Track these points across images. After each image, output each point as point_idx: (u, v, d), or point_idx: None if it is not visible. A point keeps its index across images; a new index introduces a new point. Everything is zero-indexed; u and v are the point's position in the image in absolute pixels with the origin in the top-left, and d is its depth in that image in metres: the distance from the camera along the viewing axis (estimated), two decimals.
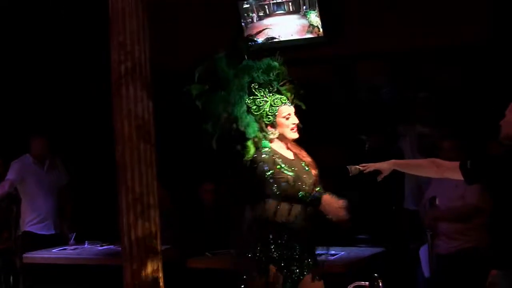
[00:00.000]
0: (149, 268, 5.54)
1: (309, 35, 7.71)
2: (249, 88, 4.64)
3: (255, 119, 4.60)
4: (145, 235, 5.52)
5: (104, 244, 7.06)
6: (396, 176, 6.91)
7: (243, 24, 7.85)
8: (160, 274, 5.61)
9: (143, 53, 5.54)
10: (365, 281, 4.38)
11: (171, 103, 7.72)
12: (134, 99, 5.48)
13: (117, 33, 5.52)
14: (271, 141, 4.63)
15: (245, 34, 7.67)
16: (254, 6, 7.79)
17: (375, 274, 4.31)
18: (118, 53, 5.52)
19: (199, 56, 7.87)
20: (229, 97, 4.60)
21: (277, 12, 7.76)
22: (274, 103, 4.62)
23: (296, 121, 4.65)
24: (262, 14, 7.80)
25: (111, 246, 6.92)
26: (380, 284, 4.29)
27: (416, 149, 6.88)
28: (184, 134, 7.97)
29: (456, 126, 6.56)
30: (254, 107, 4.61)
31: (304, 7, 7.67)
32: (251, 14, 7.82)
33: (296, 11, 7.73)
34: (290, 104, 4.67)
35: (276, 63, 4.69)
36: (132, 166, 5.50)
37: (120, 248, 5.81)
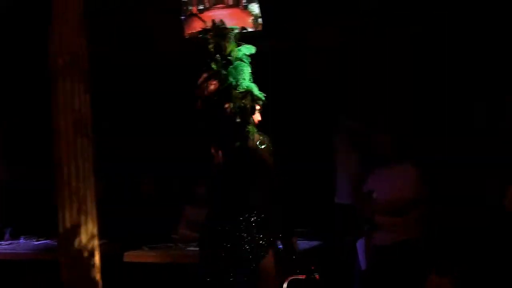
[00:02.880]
0: (86, 263, 5.51)
1: (249, 29, 7.70)
2: None
3: None
4: (82, 230, 5.49)
5: (40, 239, 6.99)
6: (330, 170, 7.06)
7: (182, 17, 7.81)
8: (97, 269, 5.58)
9: (80, 46, 5.50)
10: (302, 275, 4.41)
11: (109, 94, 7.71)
12: (71, 92, 5.44)
13: (55, 25, 5.47)
14: None
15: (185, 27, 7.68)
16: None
17: (312, 267, 4.35)
18: (56, 46, 5.47)
19: (140, 50, 7.94)
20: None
21: (216, 6, 7.73)
22: None
23: None
24: (201, 7, 7.75)
25: (47, 241, 6.85)
26: (317, 278, 4.33)
27: (348, 144, 6.95)
28: (125, 127, 7.96)
29: (386, 122, 6.63)
30: None
31: (244, 1, 7.64)
32: (190, 8, 7.76)
33: (236, 4, 7.71)
34: None
35: None
36: (68, 160, 5.46)
37: (55, 243, 5.77)
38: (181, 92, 7.41)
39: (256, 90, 4.65)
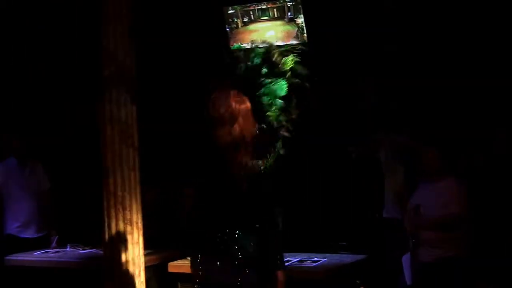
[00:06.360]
0: (130, 273, 5.54)
1: (294, 41, 7.71)
2: None
3: None
4: (127, 239, 5.52)
5: (86, 248, 7.04)
6: (376, 184, 7.03)
7: (227, 29, 7.86)
8: (142, 279, 5.61)
9: (127, 57, 5.54)
10: None
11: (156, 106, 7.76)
12: (117, 103, 5.48)
13: (101, 36, 5.52)
14: None
15: (230, 39, 7.73)
16: (239, 12, 7.79)
17: (357, 281, 4.32)
18: (102, 57, 5.52)
19: (184, 61, 7.99)
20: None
21: (262, 18, 7.77)
22: None
23: None
24: (247, 19, 7.80)
25: (93, 250, 6.89)
26: None
27: (394, 158, 6.92)
28: (168, 137, 7.99)
29: (431, 135, 6.57)
30: None
31: (289, 13, 7.67)
32: (235, 20, 7.82)
33: (281, 17, 7.74)
34: None
35: None
36: (114, 170, 5.49)
37: (101, 252, 5.81)
38: None
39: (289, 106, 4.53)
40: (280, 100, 4.40)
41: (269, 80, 4.39)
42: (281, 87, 4.41)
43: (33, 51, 8.48)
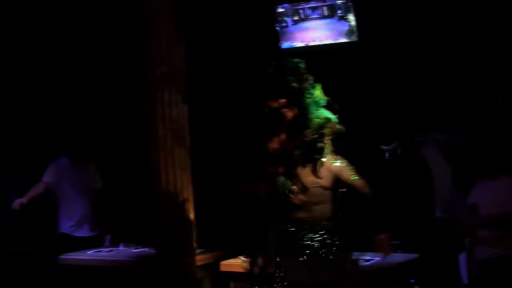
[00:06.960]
0: (183, 272, 5.57)
1: (343, 39, 7.68)
2: None
3: None
4: (180, 239, 5.55)
5: (138, 247, 7.08)
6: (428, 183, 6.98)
7: (277, 28, 7.85)
8: (195, 278, 5.64)
9: (178, 56, 5.57)
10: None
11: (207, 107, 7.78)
12: (169, 103, 5.51)
13: (152, 36, 5.55)
14: None
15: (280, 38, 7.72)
16: (289, 11, 7.78)
17: (412, 281, 4.28)
18: (153, 57, 5.55)
19: (234, 61, 8.00)
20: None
21: (312, 17, 7.75)
22: None
23: None
24: (297, 18, 7.79)
25: (146, 249, 6.93)
26: None
27: (439, 156, 6.86)
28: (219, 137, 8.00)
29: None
30: None
31: (339, 12, 7.64)
32: (286, 19, 7.81)
33: (331, 15, 7.71)
34: None
35: None
36: (166, 169, 5.52)
37: (154, 251, 5.85)
38: None
39: (332, 116, 4.50)
40: (323, 110, 4.40)
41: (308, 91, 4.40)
42: (320, 99, 4.42)
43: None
